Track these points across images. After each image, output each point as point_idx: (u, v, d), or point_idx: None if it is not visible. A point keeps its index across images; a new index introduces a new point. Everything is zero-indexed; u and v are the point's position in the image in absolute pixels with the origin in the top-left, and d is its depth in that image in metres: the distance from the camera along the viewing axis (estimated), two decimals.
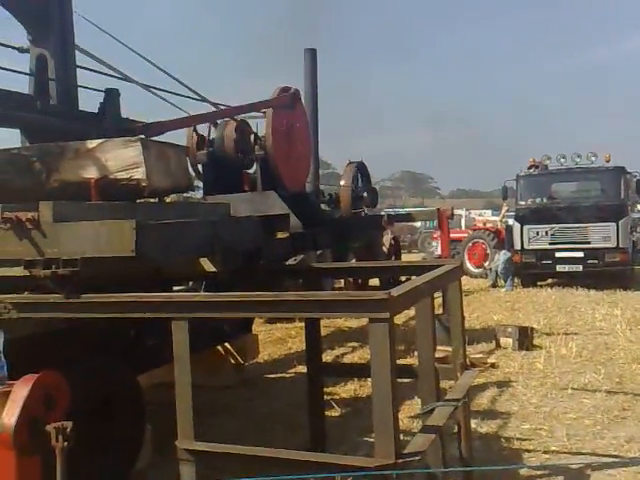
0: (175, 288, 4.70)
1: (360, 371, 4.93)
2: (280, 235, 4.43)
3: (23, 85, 4.98)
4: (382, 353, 2.50)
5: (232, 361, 5.91)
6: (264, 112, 7.10)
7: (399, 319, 8.84)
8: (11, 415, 2.01)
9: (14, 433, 2.00)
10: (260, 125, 7.38)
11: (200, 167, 7.35)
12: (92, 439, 3.34)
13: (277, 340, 8.44)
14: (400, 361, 6.46)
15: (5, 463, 2.02)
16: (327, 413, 4.71)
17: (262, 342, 7.36)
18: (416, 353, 3.90)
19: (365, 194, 10.69)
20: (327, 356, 7.29)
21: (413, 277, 3.54)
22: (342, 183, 10.37)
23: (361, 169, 10.65)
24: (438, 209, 9.40)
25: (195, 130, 7.15)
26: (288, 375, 6.75)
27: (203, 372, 4.90)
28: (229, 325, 5.60)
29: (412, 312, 4.75)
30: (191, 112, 6.82)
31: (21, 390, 2.04)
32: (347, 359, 7.51)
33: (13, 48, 4.95)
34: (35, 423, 2.04)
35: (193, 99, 6.59)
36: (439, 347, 5.16)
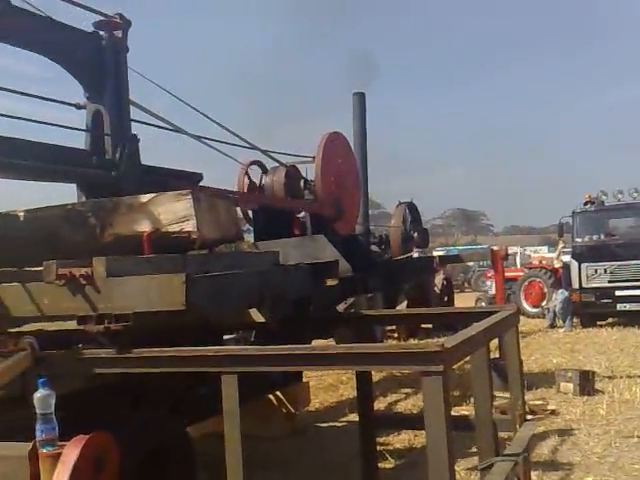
0: (225, 337, 4.70)
1: (414, 422, 4.78)
2: (330, 282, 4.40)
3: (79, 140, 5.19)
4: (436, 407, 2.42)
5: (283, 410, 5.84)
6: (313, 157, 7.19)
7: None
8: (61, 478, 2.01)
9: None
10: (309, 170, 7.48)
11: (250, 213, 7.48)
12: None
13: (328, 387, 8.33)
14: (456, 409, 6.27)
15: None
16: (381, 465, 4.58)
17: (313, 389, 7.27)
18: (472, 399, 3.78)
19: (416, 234, 10.63)
20: (379, 403, 7.14)
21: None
22: (392, 224, 10.35)
23: (411, 209, 10.62)
24: (492, 249, 9.22)
25: (247, 174, 7.28)
26: (340, 424, 6.62)
27: (254, 422, 4.86)
28: (279, 373, 5.55)
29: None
30: (240, 159, 6.98)
31: (71, 452, 2.04)
32: (400, 407, 7.33)
33: (70, 105, 5.15)
34: None
35: (243, 147, 6.71)
36: (496, 393, 4.99)
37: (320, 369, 3.13)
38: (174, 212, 3.52)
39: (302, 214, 7.42)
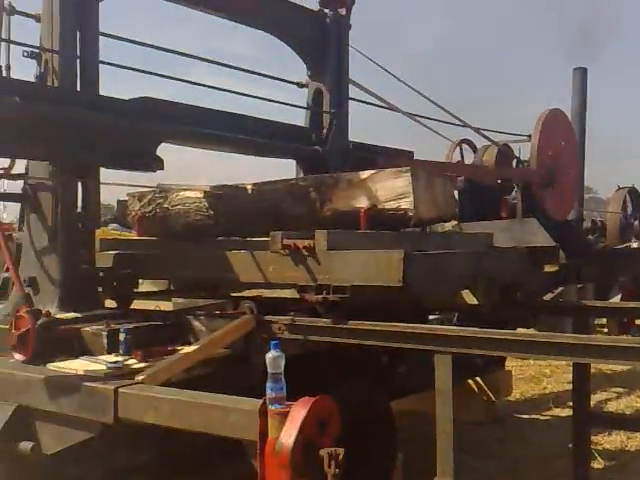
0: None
1: (629, 423, 4.42)
2: (548, 268, 4.16)
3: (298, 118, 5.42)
4: None
5: (483, 397, 5.68)
6: (528, 135, 6.84)
7: None
8: (289, 435, 2.12)
9: (291, 453, 2.10)
10: (523, 149, 7.14)
11: (456, 193, 7.33)
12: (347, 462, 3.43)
13: (530, 378, 7.96)
14: None
15: None
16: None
17: (514, 379, 6.98)
18: None
19: (636, 223, 9.75)
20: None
21: None
22: (609, 210, 9.57)
23: (632, 195, 9.75)
24: None
25: (461, 152, 7.14)
26: (542, 417, 6.30)
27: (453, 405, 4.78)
28: (482, 359, 5.41)
29: None
30: (453, 139, 6.84)
31: (299, 412, 2.15)
32: (611, 406, 6.80)
33: (293, 83, 5.40)
34: (310, 446, 2.13)
35: (454, 124, 6.57)
36: None
37: (542, 358, 2.97)
38: (392, 189, 3.53)
39: (511, 196, 7.12)
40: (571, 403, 5.12)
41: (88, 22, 3.73)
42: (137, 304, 4.07)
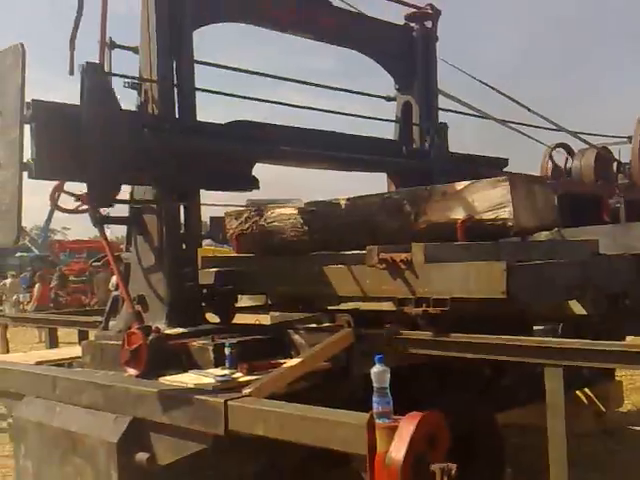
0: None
1: None
2: None
3: (388, 131, 5.43)
4: None
5: (593, 408, 5.44)
6: (629, 137, 6.54)
7: None
8: (399, 450, 2.11)
9: (401, 468, 2.09)
10: (623, 151, 6.83)
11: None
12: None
13: None
14: None
15: None
16: None
17: (624, 389, 6.63)
18: None
19: None
20: None
21: None
22: None
23: None
24: None
25: (551, 158, 6.92)
26: None
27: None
28: (589, 370, 5.18)
29: None
30: (548, 143, 6.64)
31: (408, 426, 2.13)
32: None
33: (381, 97, 5.42)
34: (420, 461, 2.11)
35: (549, 129, 6.37)
36: None
37: None
38: (489, 199, 3.47)
39: (614, 199, 6.81)
40: None
41: (183, 51, 3.89)
42: (237, 318, 4.20)
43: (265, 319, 4.70)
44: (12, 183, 2.79)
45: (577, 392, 5.46)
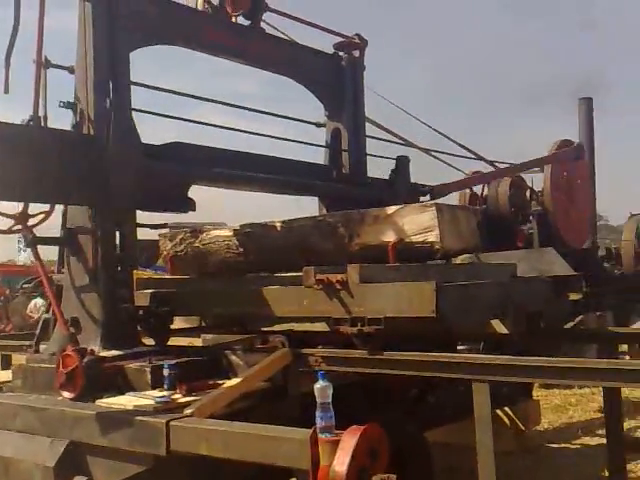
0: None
1: None
2: (573, 297, 4.25)
3: (317, 157, 5.59)
4: None
5: (512, 427, 5.70)
6: (541, 167, 6.98)
7: None
8: (342, 463, 2.20)
9: None
10: (535, 180, 7.27)
11: None
12: None
13: (556, 407, 7.93)
14: None
15: None
16: None
17: (541, 408, 6.98)
18: None
19: None
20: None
21: None
22: (623, 238, 9.63)
23: None
24: None
25: (470, 188, 7.27)
26: (573, 446, 6.28)
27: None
28: (509, 389, 5.45)
29: None
30: (467, 171, 6.99)
31: (350, 440, 2.23)
32: None
33: (311, 123, 5.58)
34: (362, 473, 2.21)
35: (469, 158, 6.73)
36: None
37: (580, 383, 3.06)
38: (418, 223, 3.66)
39: (527, 226, 7.23)
40: (600, 431, 5.13)
41: (120, 72, 3.91)
42: (171, 341, 4.18)
43: (198, 342, 4.70)
44: None
45: (498, 411, 5.73)
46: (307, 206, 5.61)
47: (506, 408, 5.47)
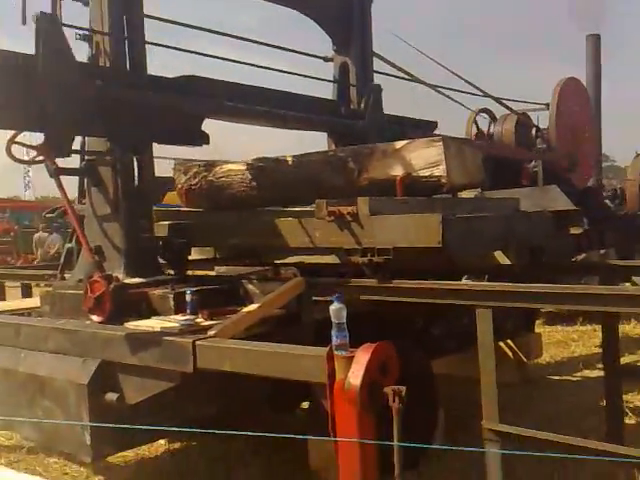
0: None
1: None
2: (574, 231, 4.41)
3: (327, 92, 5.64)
4: None
5: (514, 358, 5.91)
6: (546, 104, 7.04)
7: None
8: (356, 376, 2.42)
9: (359, 391, 2.40)
10: (542, 118, 7.33)
11: None
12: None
13: (558, 342, 8.18)
14: None
15: (349, 416, 2.45)
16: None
17: (543, 343, 7.20)
18: None
19: None
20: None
21: None
22: (628, 177, 9.72)
23: None
24: None
25: (475, 123, 7.34)
26: (574, 378, 6.52)
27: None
28: (512, 322, 5.63)
29: None
30: (473, 107, 7.04)
31: (364, 355, 2.44)
32: None
33: (319, 57, 5.61)
34: (374, 385, 2.43)
35: (475, 95, 6.77)
36: None
37: (575, 308, 3.25)
38: (425, 157, 3.78)
39: (532, 164, 7.33)
40: (600, 365, 5.32)
41: (133, 4, 3.96)
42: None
43: (212, 274, 4.88)
44: None
45: (500, 344, 5.95)
46: (310, 145, 5.67)
47: (508, 340, 5.67)
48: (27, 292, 5.44)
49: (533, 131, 7.23)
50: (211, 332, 2.99)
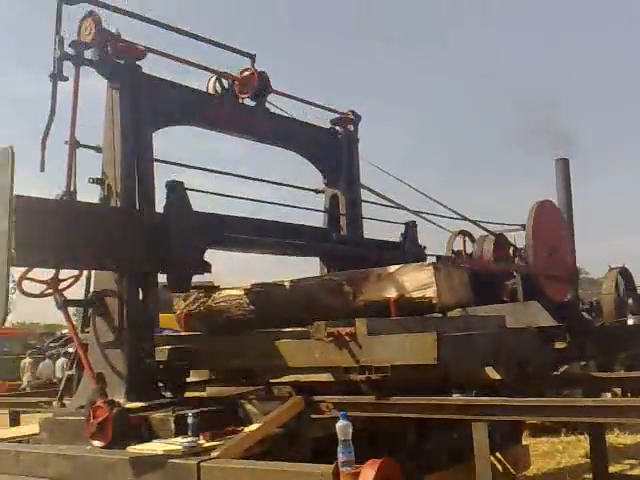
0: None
1: None
2: (558, 345, 4.61)
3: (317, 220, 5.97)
4: None
5: (503, 471, 5.90)
6: (522, 225, 7.45)
7: None
8: None
9: None
10: (518, 238, 7.73)
11: None
12: None
13: (544, 454, 8.14)
14: None
15: None
16: None
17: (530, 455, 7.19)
18: None
19: (630, 301, 10.19)
20: None
21: None
22: (603, 290, 10.05)
23: (624, 275, 10.24)
24: None
25: (452, 244, 7.70)
26: None
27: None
28: (500, 434, 5.67)
29: None
30: (450, 228, 7.41)
31: (370, 471, 2.52)
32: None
33: (311, 190, 5.99)
34: None
35: (453, 218, 7.16)
36: None
37: (570, 419, 3.36)
38: (417, 280, 4.04)
39: (511, 281, 7.63)
40: (587, 476, 5.35)
41: (143, 151, 4.25)
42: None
43: (202, 395, 4.91)
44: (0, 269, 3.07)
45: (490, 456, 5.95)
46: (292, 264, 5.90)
47: (497, 453, 5.69)
48: (15, 420, 5.41)
49: (511, 250, 7.58)
50: (215, 453, 3.06)
